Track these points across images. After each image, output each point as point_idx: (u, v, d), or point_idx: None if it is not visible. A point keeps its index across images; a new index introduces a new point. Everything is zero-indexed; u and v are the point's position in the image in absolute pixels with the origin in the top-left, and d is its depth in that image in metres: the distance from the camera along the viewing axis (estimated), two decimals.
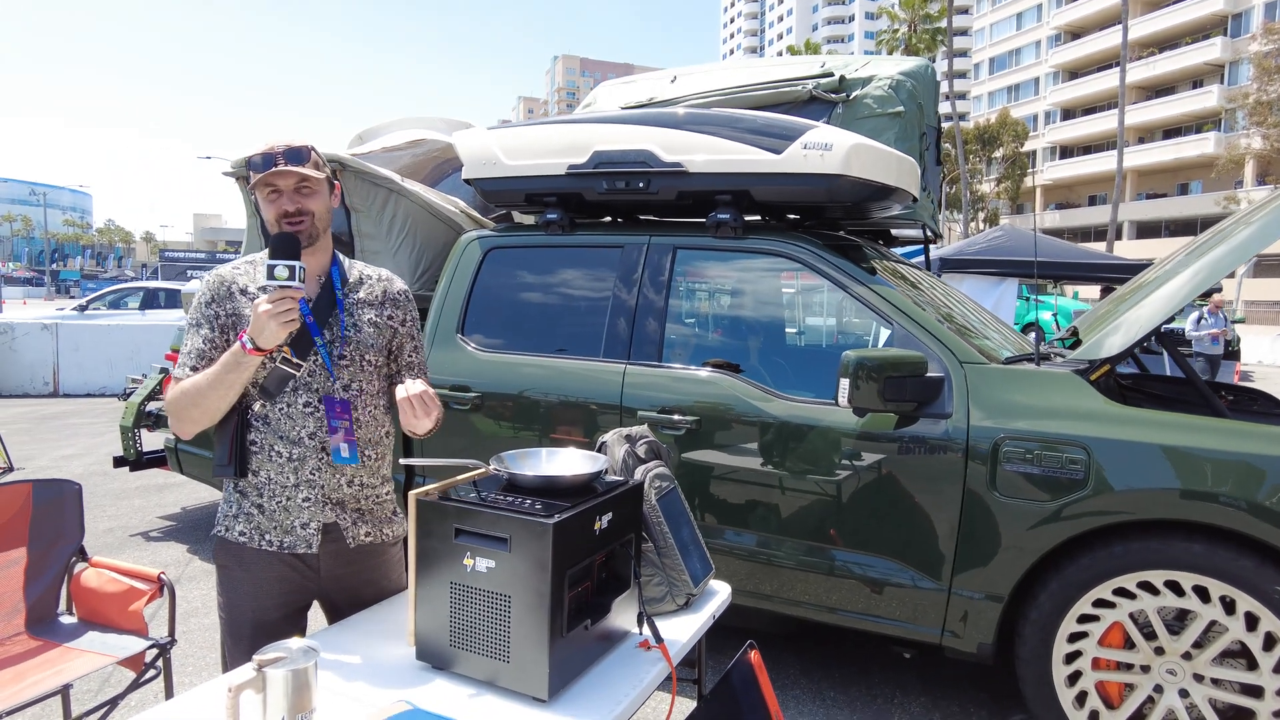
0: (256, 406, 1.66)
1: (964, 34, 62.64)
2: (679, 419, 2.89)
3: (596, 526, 1.44)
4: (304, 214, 1.63)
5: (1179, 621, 2.32)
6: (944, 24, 36.54)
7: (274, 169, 1.58)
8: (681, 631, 1.69)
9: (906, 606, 2.59)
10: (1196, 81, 44.56)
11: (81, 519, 2.46)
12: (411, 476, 3.29)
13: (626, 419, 2.97)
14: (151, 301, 14.09)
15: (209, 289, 1.68)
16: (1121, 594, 2.33)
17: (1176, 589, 2.27)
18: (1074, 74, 52.29)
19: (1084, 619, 2.37)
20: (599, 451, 1.88)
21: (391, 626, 1.63)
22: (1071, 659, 2.40)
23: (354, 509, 1.74)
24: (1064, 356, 2.88)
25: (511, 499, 1.40)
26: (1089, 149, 51.05)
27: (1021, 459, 2.41)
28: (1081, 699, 2.39)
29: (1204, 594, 2.25)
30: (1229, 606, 2.22)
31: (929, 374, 2.55)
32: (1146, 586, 2.29)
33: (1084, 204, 51.55)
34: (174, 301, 13.92)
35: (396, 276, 1.87)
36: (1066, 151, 52.86)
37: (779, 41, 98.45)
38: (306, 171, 1.61)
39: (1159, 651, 2.31)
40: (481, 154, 3.37)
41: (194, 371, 1.63)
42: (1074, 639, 2.39)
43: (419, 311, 1.91)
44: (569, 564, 1.34)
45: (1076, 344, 3.07)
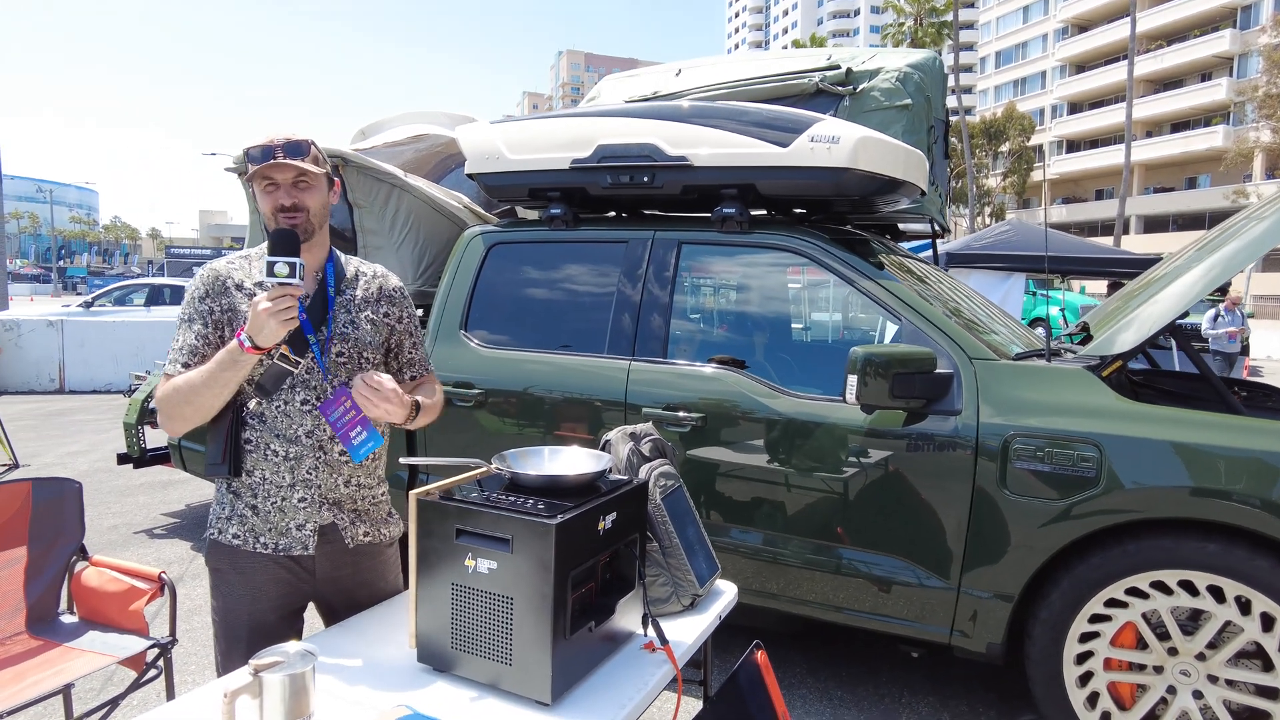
0: (252, 404, 1.62)
1: (970, 27, 62.45)
2: (684, 416, 2.86)
3: (600, 526, 1.41)
4: (300, 209, 1.59)
5: (1193, 621, 2.28)
6: (950, 17, 36.32)
7: (271, 161, 1.55)
8: (687, 632, 1.67)
9: (915, 605, 2.56)
10: (1205, 74, 44.30)
11: (82, 517, 2.45)
12: (414, 476, 3.27)
13: (631, 416, 2.95)
14: (156, 298, 14.11)
15: (203, 283, 1.64)
16: (1134, 593, 2.29)
17: (1190, 588, 2.23)
18: (1080, 67, 52.05)
19: (1096, 619, 2.33)
20: (603, 449, 1.85)
21: (391, 628, 1.61)
22: (1083, 659, 2.36)
23: (351, 509, 1.72)
24: (1074, 352, 2.84)
25: (514, 499, 1.38)
26: (1095, 143, 50.83)
27: (1032, 456, 2.37)
28: (1093, 700, 2.36)
29: (1219, 594, 2.21)
30: (1244, 606, 2.18)
31: (938, 370, 2.51)
32: (1160, 586, 2.25)
33: (1090, 198, 51.32)
34: (179, 298, 13.93)
35: (391, 273, 1.85)
36: (1073, 145, 52.64)
37: (784, 35, 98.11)
38: (304, 166, 1.58)
39: (1172, 652, 2.27)
40: (484, 148, 3.34)
41: (186, 368, 1.58)
42: (1085, 639, 2.35)
43: (423, 308, 1.88)
44: (572, 565, 1.32)
45: (1086, 339, 3.03)
